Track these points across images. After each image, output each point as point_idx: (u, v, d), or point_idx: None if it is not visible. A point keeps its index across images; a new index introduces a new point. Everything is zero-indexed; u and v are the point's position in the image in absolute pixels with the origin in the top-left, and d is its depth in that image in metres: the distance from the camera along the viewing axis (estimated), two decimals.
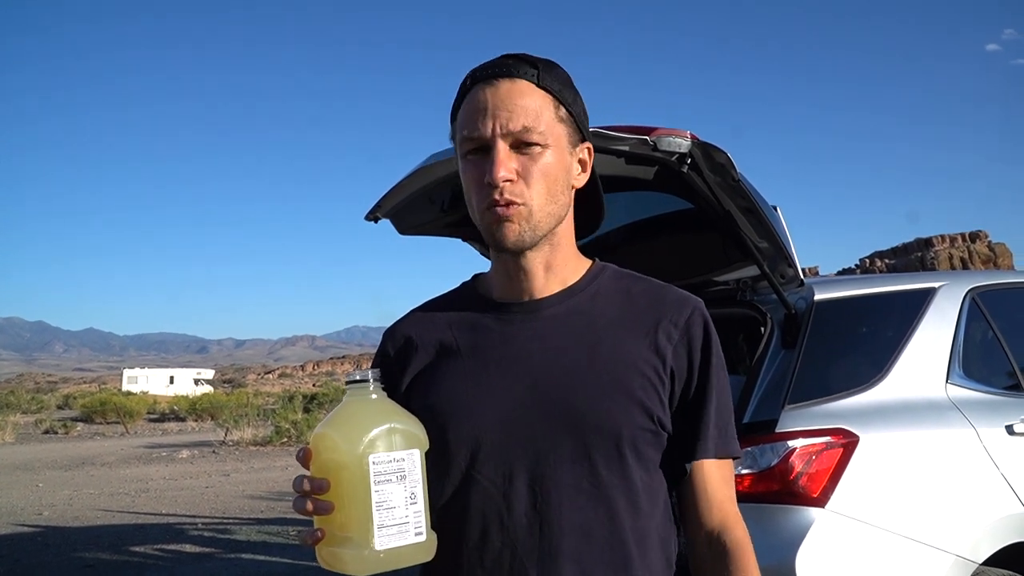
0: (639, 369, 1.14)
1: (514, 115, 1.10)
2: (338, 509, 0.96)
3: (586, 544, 1.09)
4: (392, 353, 1.24)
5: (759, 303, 2.90)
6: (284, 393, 44.40)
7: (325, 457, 0.97)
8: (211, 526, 8.52)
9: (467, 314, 1.23)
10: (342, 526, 0.95)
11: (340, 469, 0.96)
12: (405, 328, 1.26)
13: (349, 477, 0.95)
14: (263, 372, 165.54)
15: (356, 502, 0.95)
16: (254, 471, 13.89)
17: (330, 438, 0.98)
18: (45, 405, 38.47)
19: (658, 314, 1.19)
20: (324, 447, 0.98)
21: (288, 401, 30.84)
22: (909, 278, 3.20)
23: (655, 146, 2.24)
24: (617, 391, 1.12)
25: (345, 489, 0.95)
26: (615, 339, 1.16)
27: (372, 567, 0.94)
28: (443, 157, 2.58)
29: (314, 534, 0.97)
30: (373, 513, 0.94)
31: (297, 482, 0.99)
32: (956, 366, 2.82)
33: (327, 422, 1.00)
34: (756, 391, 2.59)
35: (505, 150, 1.11)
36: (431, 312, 1.27)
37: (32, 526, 8.63)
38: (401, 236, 3.17)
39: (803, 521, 2.33)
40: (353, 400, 1.01)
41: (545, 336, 1.16)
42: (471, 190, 1.15)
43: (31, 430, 25.32)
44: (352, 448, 0.96)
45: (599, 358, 1.14)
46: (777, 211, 2.75)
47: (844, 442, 2.42)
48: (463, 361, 1.18)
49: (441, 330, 1.23)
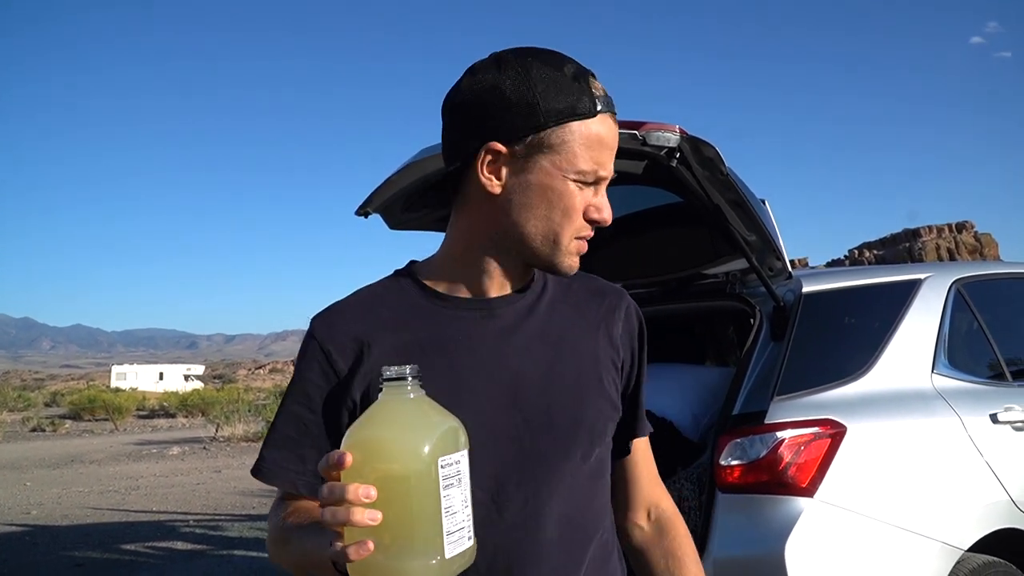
0: (602, 362, 1.20)
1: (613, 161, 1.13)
2: (398, 519, 0.87)
3: (571, 531, 1.14)
4: (336, 354, 1.12)
5: (748, 296, 2.93)
6: (275, 388, 44.30)
7: (381, 463, 0.88)
8: (203, 523, 8.51)
9: (420, 310, 1.15)
10: (405, 537, 0.87)
11: (405, 476, 0.87)
12: (347, 326, 1.14)
13: (417, 483, 0.87)
14: (254, 367, 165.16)
15: (424, 509, 0.87)
16: (245, 467, 13.85)
17: (390, 442, 0.88)
18: (32, 403, 38.26)
19: (603, 306, 1.24)
20: (380, 452, 0.88)
21: (279, 396, 30.76)
22: (895, 270, 3.24)
23: (644, 140, 2.25)
24: (589, 386, 1.18)
25: (412, 496, 0.87)
26: (575, 335, 1.20)
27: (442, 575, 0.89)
28: (434, 152, 2.58)
29: (363, 547, 0.85)
30: (442, 519, 0.88)
31: (337, 491, 0.86)
32: (942, 356, 2.86)
33: (372, 425, 0.90)
34: (745, 383, 2.61)
35: None
36: (372, 306, 1.16)
37: (20, 525, 8.59)
38: (391, 231, 3.18)
39: (792, 511, 2.36)
40: (393, 399, 0.92)
41: (511, 334, 1.15)
42: (566, 213, 1.10)
43: (18, 428, 25.18)
44: (419, 452, 0.87)
45: (565, 355, 1.17)
46: (765, 204, 2.78)
47: (832, 432, 2.45)
48: (431, 361, 1.08)
49: (394, 328, 1.13)
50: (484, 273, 1.15)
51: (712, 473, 2.52)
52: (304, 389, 1.14)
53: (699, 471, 2.88)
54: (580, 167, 1.08)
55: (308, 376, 1.13)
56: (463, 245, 1.16)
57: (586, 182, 1.09)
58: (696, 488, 2.80)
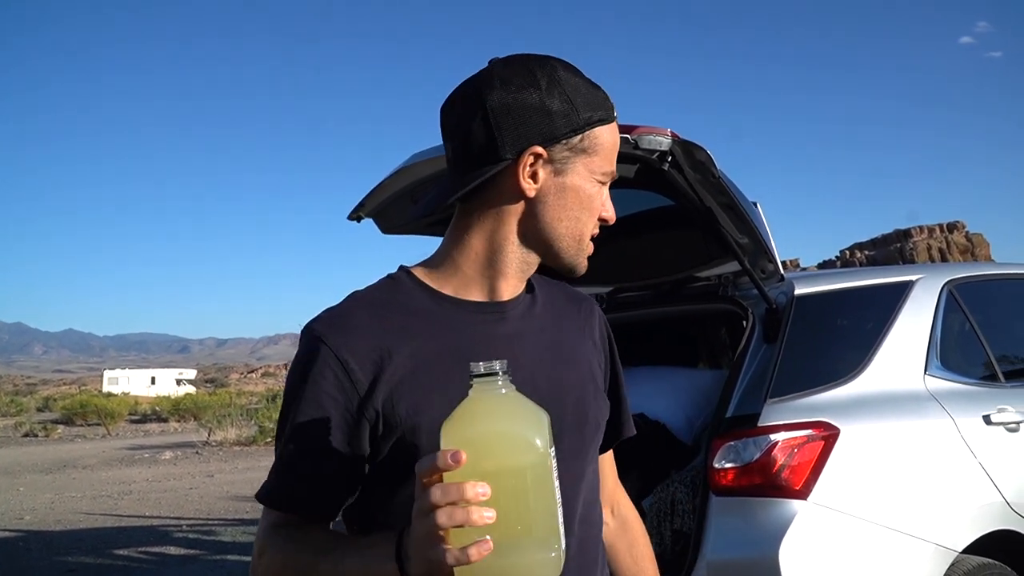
0: (595, 364, 1.26)
1: None
2: (515, 513, 0.85)
3: (588, 529, 1.19)
4: (354, 363, 1.07)
5: (740, 298, 2.93)
6: (267, 392, 44.17)
7: (495, 459, 0.86)
8: (196, 528, 8.48)
9: (432, 314, 1.13)
10: (523, 531, 0.85)
11: (522, 469, 0.86)
12: (363, 333, 1.09)
13: (534, 476, 0.86)
14: (246, 371, 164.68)
15: (541, 501, 0.87)
16: (238, 471, 13.83)
17: (501, 436, 0.87)
18: (25, 408, 38.10)
19: (582, 311, 1.29)
20: (493, 447, 0.86)
21: (271, 400, 30.70)
22: (887, 271, 3.25)
23: (636, 144, 2.25)
24: (592, 386, 1.23)
25: (530, 488, 0.86)
26: (570, 338, 1.24)
27: (559, 567, 0.87)
28: (426, 156, 2.58)
29: (484, 545, 0.82)
30: (557, 510, 0.88)
31: (452, 492, 0.83)
32: (934, 358, 2.86)
33: (478, 421, 0.88)
34: (738, 385, 2.62)
35: None
36: (383, 312, 1.12)
37: (13, 530, 8.56)
38: (384, 235, 3.18)
39: (786, 514, 2.36)
40: (487, 395, 0.90)
41: (521, 338, 1.16)
42: (592, 214, 1.15)
43: (11, 433, 25.08)
44: (533, 443, 0.87)
45: (567, 357, 1.21)
46: (757, 207, 2.78)
47: (825, 435, 2.45)
48: (452, 366, 1.06)
49: (408, 333, 1.10)
50: (501, 275, 1.16)
51: (706, 476, 2.52)
52: (318, 400, 1.07)
53: (692, 474, 2.88)
54: (607, 169, 1.15)
55: (322, 386, 1.07)
56: (485, 247, 1.15)
57: (604, 183, 1.16)
58: (690, 491, 2.80)
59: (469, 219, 1.15)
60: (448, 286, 1.15)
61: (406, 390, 1.06)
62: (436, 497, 0.84)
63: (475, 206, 1.15)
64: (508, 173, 1.10)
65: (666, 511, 2.83)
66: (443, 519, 0.83)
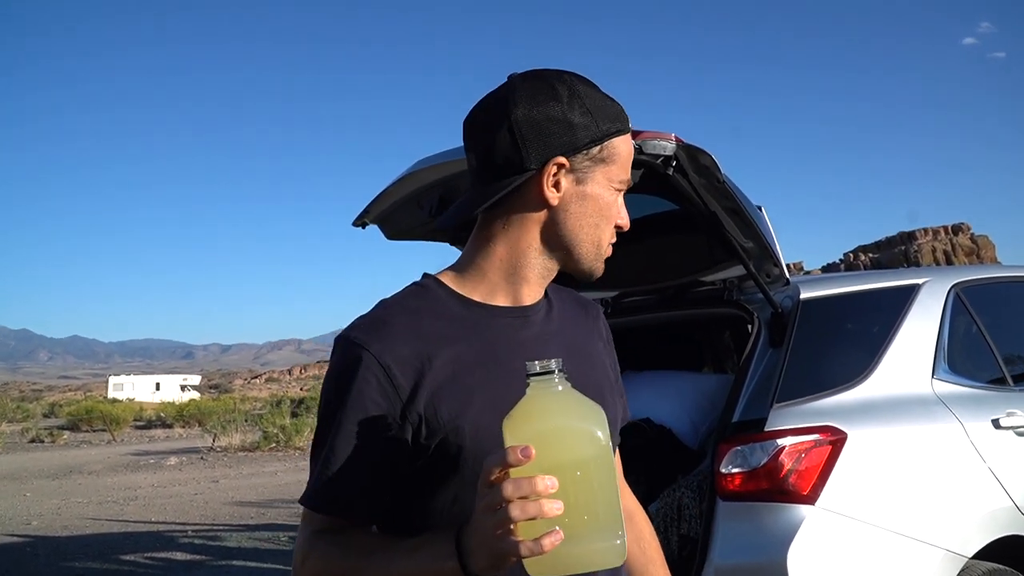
0: (608, 364, 1.34)
1: None
2: (581, 503, 0.89)
3: None
4: (396, 369, 1.09)
5: (746, 302, 2.92)
6: (271, 398, 44.24)
7: (561, 452, 0.89)
8: (201, 533, 8.49)
9: (464, 320, 1.17)
10: (589, 520, 0.89)
11: (586, 461, 0.90)
12: (403, 339, 1.12)
13: (597, 467, 0.90)
14: (250, 377, 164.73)
15: (605, 490, 0.91)
16: (243, 477, 13.84)
17: (564, 431, 0.91)
18: (31, 414, 38.17)
19: (591, 317, 1.36)
20: (557, 442, 0.90)
21: (276, 406, 30.73)
22: (893, 275, 3.24)
23: (640, 149, 2.24)
24: (609, 385, 1.30)
25: (594, 480, 0.90)
26: (587, 341, 1.32)
27: (624, 553, 0.92)
28: (430, 163, 2.58)
29: (556, 535, 0.86)
30: (618, 499, 0.92)
31: (524, 486, 0.86)
32: (941, 361, 2.85)
33: (541, 417, 0.92)
34: (744, 390, 2.60)
35: None
36: (418, 319, 1.15)
37: (21, 536, 8.58)
38: (388, 241, 3.18)
39: (794, 519, 2.35)
40: (546, 393, 0.93)
41: (545, 340, 1.22)
42: (609, 220, 1.21)
43: (17, 439, 25.11)
44: (595, 436, 0.91)
45: (586, 358, 1.28)
46: (762, 211, 2.77)
47: (832, 439, 2.44)
48: (488, 369, 1.13)
49: (448, 339, 1.14)
50: (525, 281, 1.21)
51: (712, 481, 2.51)
52: (362, 406, 1.09)
53: (699, 479, 2.87)
54: (624, 177, 1.20)
55: (365, 392, 1.09)
56: (509, 254, 1.19)
57: (620, 190, 1.21)
58: (696, 496, 2.79)
59: (493, 227, 1.19)
60: (476, 292, 1.20)
61: (447, 394, 1.10)
62: (508, 492, 0.87)
63: (499, 215, 1.19)
64: (532, 183, 1.15)
65: (673, 516, 2.82)
66: (516, 512, 0.86)
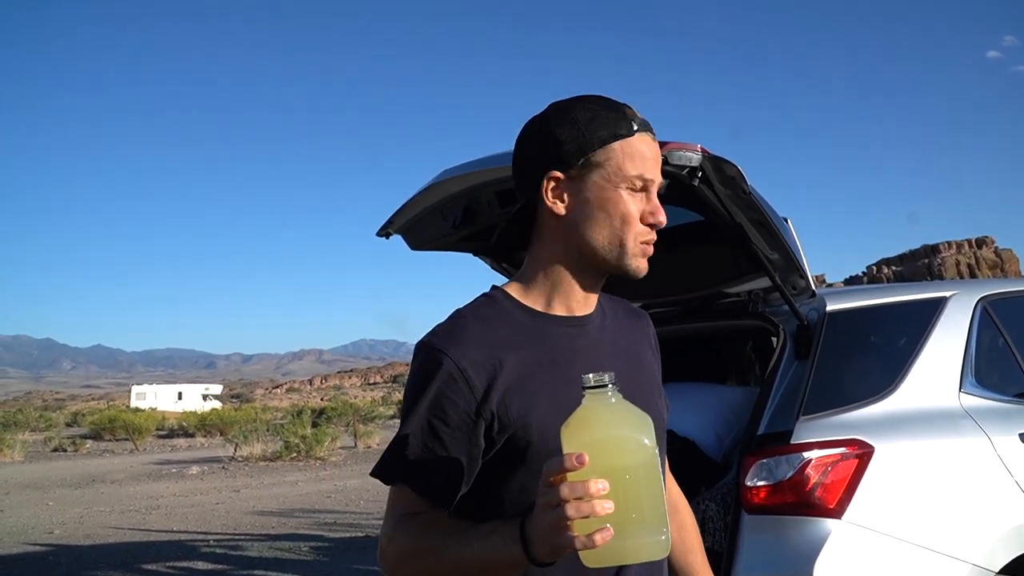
0: (657, 370, 1.43)
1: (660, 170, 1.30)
2: (630, 503, 1.00)
3: None
4: (472, 371, 1.22)
5: (771, 314, 2.91)
6: (292, 408, 44.42)
7: (612, 458, 1.00)
8: (223, 543, 8.52)
9: (528, 328, 1.29)
10: (637, 518, 1.00)
11: (635, 466, 1.01)
12: (477, 346, 1.24)
13: (645, 472, 1.01)
14: (271, 387, 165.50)
15: (652, 492, 1.02)
16: (264, 487, 13.89)
17: (617, 439, 1.02)
18: (54, 423, 38.53)
19: (642, 327, 1.46)
20: (610, 449, 1.01)
21: (296, 416, 30.86)
22: (920, 287, 3.21)
23: (666, 160, 2.24)
24: (658, 390, 1.40)
25: (642, 483, 1.01)
26: (636, 349, 1.41)
27: (668, 547, 1.03)
28: (455, 173, 2.60)
29: (607, 532, 0.97)
30: (663, 499, 1.03)
31: (579, 488, 0.97)
32: (969, 375, 2.82)
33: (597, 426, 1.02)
34: (770, 402, 2.59)
35: None
36: (491, 327, 1.27)
37: (43, 545, 8.65)
38: (412, 251, 3.19)
39: (820, 532, 2.34)
40: (600, 404, 1.04)
41: (599, 348, 1.32)
42: (627, 219, 1.26)
43: (40, 448, 25.36)
44: (643, 443, 1.02)
45: (638, 365, 1.38)
46: (788, 223, 2.76)
47: (859, 452, 2.43)
48: (551, 373, 1.25)
49: (512, 345, 1.26)
50: (571, 292, 1.31)
51: (738, 494, 2.49)
52: (440, 403, 1.22)
53: (723, 491, 2.86)
54: (626, 174, 1.25)
55: (444, 391, 1.22)
56: (548, 267, 1.31)
57: (635, 188, 1.26)
58: (721, 509, 2.78)
59: (534, 246, 1.34)
60: (537, 303, 1.32)
61: (515, 394, 1.23)
62: (565, 493, 0.98)
63: (535, 234, 1.33)
64: (540, 201, 1.29)
65: None
66: (572, 511, 0.97)
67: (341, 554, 7.70)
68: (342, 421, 29.91)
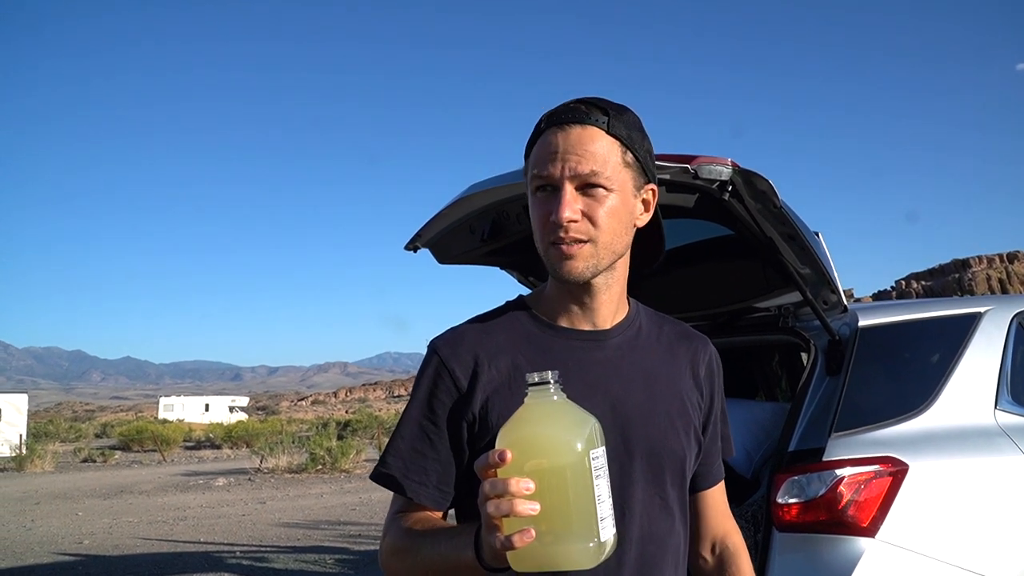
0: (690, 400, 1.32)
1: (583, 160, 1.17)
2: (556, 507, 0.96)
3: (660, 552, 1.24)
4: (459, 372, 1.23)
5: (801, 329, 2.87)
6: (318, 420, 44.61)
7: (538, 458, 0.97)
8: (249, 554, 8.55)
9: (532, 336, 1.26)
10: (563, 523, 0.96)
11: (562, 468, 0.96)
12: (467, 346, 1.25)
13: (572, 475, 0.96)
14: (296, 399, 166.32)
15: (580, 497, 0.97)
16: (290, 499, 13.94)
17: (544, 438, 0.98)
18: (83, 434, 39.01)
19: (690, 351, 1.36)
20: (536, 448, 0.97)
21: (322, 428, 31.01)
22: (954, 303, 3.16)
23: (696, 174, 2.23)
24: (679, 420, 1.28)
25: (569, 486, 0.96)
26: (668, 372, 1.31)
27: (597, 558, 0.97)
28: (483, 187, 2.60)
29: (527, 534, 0.94)
30: (596, 506, 0.97)
31: (498, 485, 0.95)
32: (1004, 391, 2.77)
33: (527, 424, 0.99)
34: (801, 419, 2.56)
35: (572, 192, 1.18)
36: (489, 331, 1.27)
37: (73, 555, 8.72)
38: (440, 265, 3.19)
39: (853, 552, 2.30)
40: (540, 401, 1.01)
41: (615, 366, 1.26)
42: (537, 224, 1.22)
43: (70, 459, 25.66)
44: (573, 446, 0.97)
45: (660, 389, 1.28)
46: (819, 237, 2.73)
47: (893, 470, 2.38)
48: None
49: (508, 351, 1.24)
50: (572, 304, 1.27)
51: (768, 511, 2.46)
52: (430, 403, 1.24)
53: (753, 509, 2.82)
54: (532, 177, 1.21)
55: (433, 390, 1.25)
56: (549, 279, 1.29)
57: (543, 188, 1.20)
58: (751, 527, 2.74)
59: None
60: (552, 314, 1.28)
61: (499, 399, 1.21)
62: (486, 490, 0.96)
63: None
64: None
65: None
66: (491, 509, 0.95)
67: (366, 567, 7.70)
68: (367, 434, 30.00)
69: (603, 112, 1.20)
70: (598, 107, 1.20)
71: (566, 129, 1.19)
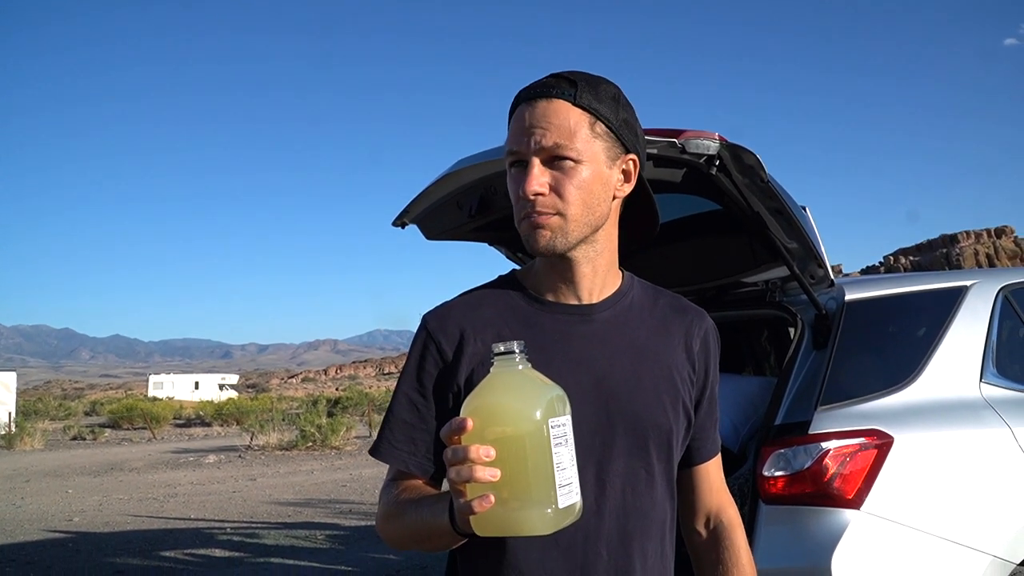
0: (680, 374, 1.30)
1: (548, 133, 1.18)
2: (515, 474, 0.98)
3: (644, 525, 1.24)
4: (445, 344, 1.25)
5: (789, 304, 2.88)
6: (308, 397, 44.65)
7: (498, 426, 0.99)
8: (239, 531, 8.58)
9: (519, 310, 1.27)
10: (522, 490, 0.98)
11: (520, 436, 0.98)
12: (455, 320, 1.27)
13: (531, 442, 0.98)
14: (286, 376, 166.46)
15: (538, 465, 0.98)
16: (280, 475, 13.98)
17: (504, 407, 1.00)
18: (73, 412, 38.94)
19: (684, 324, 1.34)
20: (496, 416, 0.99)
21: (312, 405, 31.04)
22: (940, 277, 3.17)
23: (683, 148, 2.23)
24: (667, 394, 1.27)
25: (527, 454, 0.98)
26: (658, 346, 1.30)
27: (555, 524, 0.99)
28: (470, 162, 2.58)
29: (486, 499, 0.96)
30: (555, 474, 0.99)
31: (459, 452, 0.97)
32: (990, 365, 2.79)
33: (489, 393, 1.01)
34: (788, 392, 2.57)
35: (538, 166, 1.19)
36: (478, 304, 1.29)
37: (63, 532, 8.74)
38: (427, 241, 3.18)
39: (838, 523, 2.32)
40: (504, 371, 1.03)
41: (601, 339, 1.26)
42: (512, 200, 1.23)
43: (59, 436, 25.63)
44: (531, 415, 0.99)
45: (648, 363, 1.27)
46: (806, 211, 2.73)
47: (878, 443, 2.40)
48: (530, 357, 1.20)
49: (494, 324, 1.25)
50: (557, 278, 1.27)
51: (754, 484, 2.48)
52: (418, 376, 1.27)
53: (740, 482, 2.84)
54: (506, 150, 1.22)
55: (421, 364, 1.27)
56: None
57: (516, 164, 1.21)
58: (738, 499, 2.76)
59: None
60: (539, 288, 1.29)
61: (484, 371, 1.16)
62: (448, 456, 0.99)
63: None
64: None
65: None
66: (452, 475, 0.98)
67: (356, 542, 7.74)
68: (357, 411, 30.06)
69: (571, 84, 1.20)
70: (567, 79, 1.20)
71: (533, 104, 1.20)
